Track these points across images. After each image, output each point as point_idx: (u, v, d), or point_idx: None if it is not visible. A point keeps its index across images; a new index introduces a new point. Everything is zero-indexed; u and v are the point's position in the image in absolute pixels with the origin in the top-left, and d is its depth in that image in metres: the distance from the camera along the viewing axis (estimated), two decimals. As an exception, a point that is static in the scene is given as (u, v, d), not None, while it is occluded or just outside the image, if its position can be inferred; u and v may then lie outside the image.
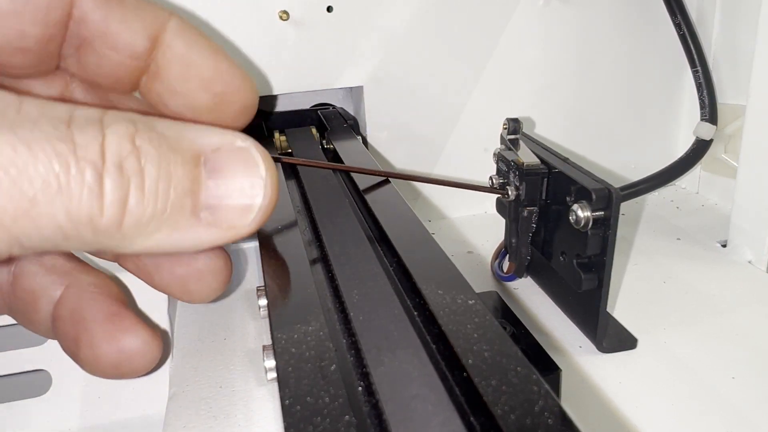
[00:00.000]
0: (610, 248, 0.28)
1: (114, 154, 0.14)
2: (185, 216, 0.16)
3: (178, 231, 0.16)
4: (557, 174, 0.31)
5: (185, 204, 0.16)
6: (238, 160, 0.16)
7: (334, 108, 0.48)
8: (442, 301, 0.21)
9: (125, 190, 0.14)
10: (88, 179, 0.14)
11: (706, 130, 0.45)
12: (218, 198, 0.16)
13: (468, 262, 0.41)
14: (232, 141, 0.17)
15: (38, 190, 0.13)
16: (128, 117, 0.15)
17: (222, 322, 0.35)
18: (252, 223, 0.17)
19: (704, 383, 0.28)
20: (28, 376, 0.32)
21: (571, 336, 0.32)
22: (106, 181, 0.14)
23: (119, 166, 0.14)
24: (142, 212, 0.15)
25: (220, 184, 0.16)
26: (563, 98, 0.48)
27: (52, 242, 0.14)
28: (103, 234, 0.14)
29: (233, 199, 0.16)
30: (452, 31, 0.44)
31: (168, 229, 0.16)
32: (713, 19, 0.46)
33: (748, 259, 0.39)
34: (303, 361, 0.18)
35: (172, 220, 0.16)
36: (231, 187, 0.16)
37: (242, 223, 0.17)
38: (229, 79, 0.20)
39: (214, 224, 0.16)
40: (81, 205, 0.14)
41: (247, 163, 0.17)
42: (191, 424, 0.27)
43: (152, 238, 0.15)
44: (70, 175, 0.13)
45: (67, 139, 0.13)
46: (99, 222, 0.14)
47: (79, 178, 0.13)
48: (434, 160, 0.47)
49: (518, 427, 0.15)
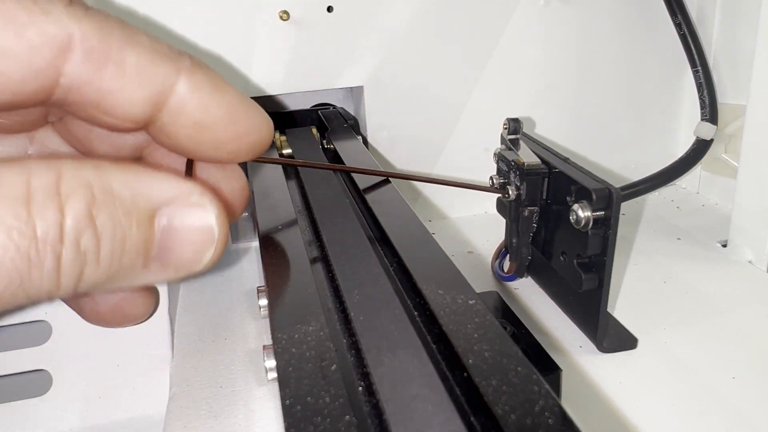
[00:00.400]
0: (610, 248, 0.28)
1: (72, 232, 0.14)
2: (136, 270, 0.16)
3: (128, 280, 0.16)
4: (558, 174, 0.31)
5: (136, 263, 0.16)
6: (191, 216, 0.17)
7: (335, 108, 0.48)
8: (442, 301, 0.21)
9: (81, 266, 0.15)
10: (47, 266, 0.14)
11: (706, 130, 0.45)
12: (170, 249, 0.16)
13: (468, 262, 0.41)
14: (189, 195, 0.17)
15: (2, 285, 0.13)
16: (85, 182, 0.15)
17: (222, 322, 0.35)
18: (199, 270, 0.17)
19: (704, 383, 0.28)
20: (29, 376, 0.32)
21: (572, 336, 0.32)
22: (64, 261, 0.14)
23: (77, 244, 0.14)
24: (96, 279, 0.15)
25: (172, 236, 0.16)
26: (564, 98, 0.48)
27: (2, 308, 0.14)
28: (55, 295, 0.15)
29: (184, 251, 0.17)
30: (453, 31, 0.44)
31: (118, 281, 0.16)
32: (713, 19, 0.46)
33: (749, 259, 0.39)
34: (303, 361, 0.18)
35: (123, 275, 0.16)
36: (183, 239, 0.17)
37: (190, 269, 0.17)
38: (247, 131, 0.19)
39: (163, 269, 0.17)
40: (41, 286, 0.14)
41: (201, 222, 0.17)
42: (192, 424, 0.27)
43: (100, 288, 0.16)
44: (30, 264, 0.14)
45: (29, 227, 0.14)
46: (55, 294, 0.15)
47: (39, 267, 0.14)
48: (435, 160, 0.47)
49: (519, 427, 0.15)
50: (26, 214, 0.13)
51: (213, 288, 0.39)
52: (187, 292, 0.38)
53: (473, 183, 0.33)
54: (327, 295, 0.23)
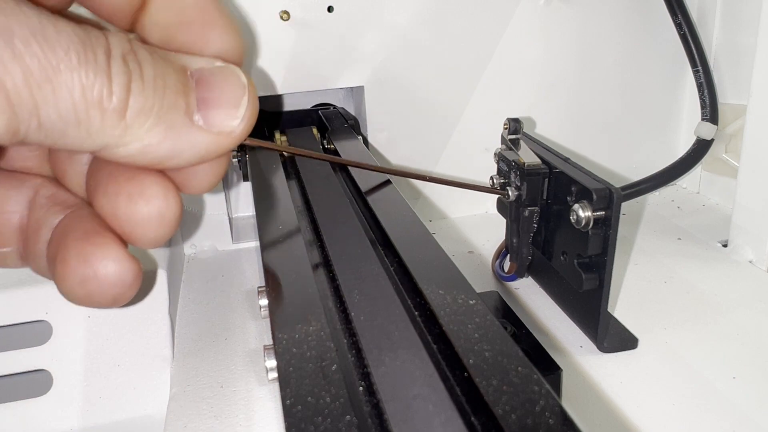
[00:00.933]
0: (611, 248, 0.28)
1: (118, 48, 0.16)
2: (180, 115, 0.18)
3: (175, 130, 0.18)
4: (558, 174, 0.31)
5: (179, 103, 0.18)
6: (220, 73, 0.19)
7: (335, 108, 0.48)
8: (443, 301, 0.21)
9: (129, 77, 0.16)
10: (100, 60, 0.16)
11: (706, 130, 0.45)
12: (207, 103, 0.18)
13: (469, 262, 0.41)
14: (213, 61, 0.19)
15: (61, 61, 0.15)
16: (125, 36, 0.17)
17: (223, 322, 0.35)
18: (239, 127, 0.19)
19: (705, 383, 0.28)
20: (29, 376, 0.32)
21: (572, 336, 0.32)
22: (113, 66, 0.16)
23: (123, 58, 0.16)
24: (144, 101, 0.17)
25: (207, 91, 0.18)
26: (564, 98, 0.48)
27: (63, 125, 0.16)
28: (109, 118, 0.16)
29: (221, 105, 0.19)
30: (453, 31, 0.44)
31: (165, 125, 0.17)
32: (714, 19, 0.46)
33: (749, 259, 0.39)
34: (304, 361, 0.18)
35: (170, 117, 0.17)
36: (217, 94, 0.19)
37: (230, 126, 0.19)
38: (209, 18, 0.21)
39: (207, 129, 0.18)
40: (94, 82, 0.16)
41: (228, 76, 0.19)
42: (192, 423, 0.27)
43: (152, 134, 0.17)
44: (87, 53, 0.16)
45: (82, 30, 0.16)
46: (107, 103, 0.16)
47: (93, 58, 0.16)
48: (435, 160, 0.47)
49: (519, 427, 0.15)
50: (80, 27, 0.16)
51: (213, 288, 0.39)
52: (188, 292, 0.38)
53: (474, 183, 0.33)
54: (327, 295, 0.23)
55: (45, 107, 0.15)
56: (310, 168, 0.35)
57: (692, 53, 0.45)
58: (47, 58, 0.15)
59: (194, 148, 0.18)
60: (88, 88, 0.16)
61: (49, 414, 0.31)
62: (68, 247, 0.19)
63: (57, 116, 0.16)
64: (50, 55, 0.15)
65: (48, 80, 0.15)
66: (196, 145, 0.18)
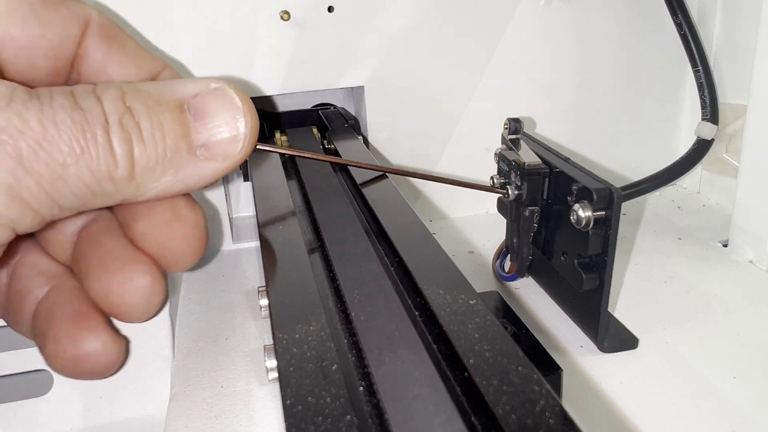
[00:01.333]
0: (611, 248, 0.28)
1: (113, 114, 0.17)
2: (184, 156, 0.19)
3: (182, 170, 0.19)
4: (558, 174, 0.31)
5: (181, 146, 0.19)
6: (215, 99, 0.19)
7: (335, 108, 0.48)
8: (443, 301, 0.21)
9: (129, 143, 0.17)
10: (100, 140, 0.17)
11: (707, 130, 0.45)
12: (208, 135, 0.19)
13: (469, 262, 0.41)
14: (207, 84, 0.20)
15: (66, 156, 0.16)
16: (114, 84, 0.18)
17: (223, 322, 0.35)
18: (242, 150, 0.20)
19: (705, 383, 0.28)
20: (30, 376, 0.32)
21: (573, 336, 0.32)
22: (113, 139, 0.17)
23: (120, 124, 0.17)
24: (147, 159, 0.18)
25: (206, 122, 0.19)
26: (564, 98, 0.48)
27: (83, 200, 0.17)
28: (121, 184, 0.18)
29: (221, 133, 0.19)
30: (453, 30, 0.44)
31: (173, 169, 0.19)
32: (714, 19, 0.46)
33: (750, 259, 0.39)
34: (304, 361, 0.18)
35: (175, 161, 0.19)
36: (216, 123, 0.19)
37: (234, 151, 0.20)
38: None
39: (211, 158, 0.19)
40: (99, 162, 0.17)
41: (224, 100, 0.19)
42: (193, 424, 0.27)
43: (163, 181, 0.19)
44: (87, 139, 0.17)
45: (77, 107, 0.17)
46: (116, 174, 0.17)
47: (94, 140, 0.17)
48: (435, 160, 0.47)
49: (520, 427, 0.15)
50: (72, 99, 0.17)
51: (214, 288, 0.39)
52: (188, 292, 0.38)
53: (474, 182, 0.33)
54: (328, 295, 0.23)
55: (62, 198, 0.17)
56: (310, 168, 0.35)
57: (692, 53, 0.45)
58: (55, 160, 0.16)
59: (204, 177, 0.20)
60: (96, 170, 0.17)
61: (50, 414, 0.31)
62: (59, 328, 0.20)
63: (74, 198, 0.17)
64: (57, 155, 0.16)
65: (59, 178, 0.16)
66: (206, 173, 0.20)
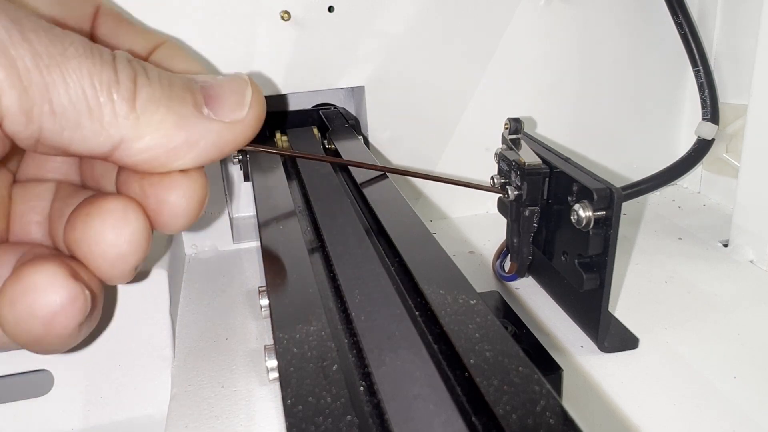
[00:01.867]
0: (611, 248, 0.28)
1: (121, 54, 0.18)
2: (188, 107, 0.18)
3: (185, 120, 0.18)
4: (559, 174, 0.31)
5: (186, 97, 0.18)
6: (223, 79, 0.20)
7: (336, 108, 0.48)
8: (443, 301, 0.21)
9: (134, 72, 0.17)
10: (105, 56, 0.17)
11: (707, 130, 0.45)
12: (213, 99, 0.19)
13: (469, 262, 0.41)
14: (215, 76, 0.20)
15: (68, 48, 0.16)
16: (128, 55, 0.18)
17: (223, 322, 0.35)
18: (249, 115, 0.20)
19: (706, 383, 0.28)
20: (30, 376, 0.32)
21: (573, 336, 0.32)
22: (118, 63, 0.17)
23: (127, 60, 0.18)
24: (151, 92, 0.17)
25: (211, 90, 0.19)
26: (565, 98, 0.48)
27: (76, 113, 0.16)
28: (119, 110, 0.17)
29: (227, 98, 0.19)
30: (454, 30, 0.44)
31: (176, 116, 0.18)
32: (714, 19, 0.46)
33: (750, 259, 0.39)
34: (305, 361, 0.18)
35: (178, 109, 0.18)
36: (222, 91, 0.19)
37: (240, 115, 0.19)
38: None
39: (218, 119, 0.19)
40: (101, 70, 0.17)
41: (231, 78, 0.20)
42: (193, 424, 0.27)
43: (164, 126, 0.18)
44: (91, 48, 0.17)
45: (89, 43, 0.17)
46: (116, 91, 0.17)
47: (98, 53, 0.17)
48: (436, 160, 0.47)
49: (520, 427, 0.15)
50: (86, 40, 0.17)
51: (214, 288, 0.39)
52: (189, 292, 0.38)
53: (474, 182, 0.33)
54: (328, 295, 0.23)
55: (56, 91, 0.16)
56: (310, 168, 0.35)
57: (693, 53, 0.45)
58: (54, 45, 0.16)
59: (208, 138, 0.19)
60: (96, 75, 0.16)
61: (50, 414, 0.31)
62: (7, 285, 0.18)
63: (68, 101, 0.16)
64: (57, 43, 0.16)
65: (57, 64, 0.16)
66: (210, 134, 0.19)
